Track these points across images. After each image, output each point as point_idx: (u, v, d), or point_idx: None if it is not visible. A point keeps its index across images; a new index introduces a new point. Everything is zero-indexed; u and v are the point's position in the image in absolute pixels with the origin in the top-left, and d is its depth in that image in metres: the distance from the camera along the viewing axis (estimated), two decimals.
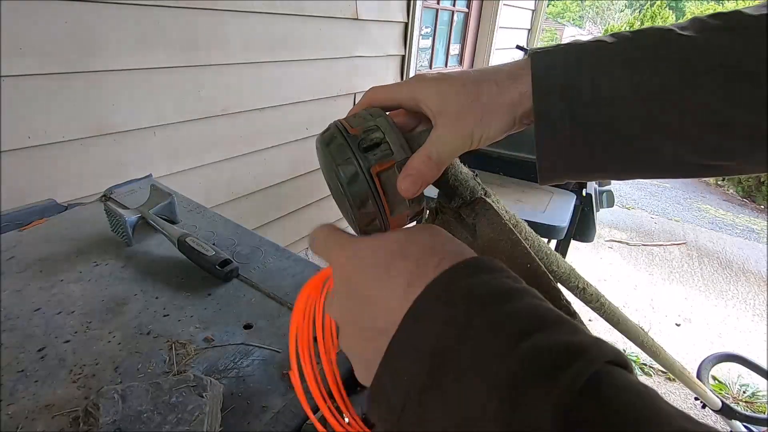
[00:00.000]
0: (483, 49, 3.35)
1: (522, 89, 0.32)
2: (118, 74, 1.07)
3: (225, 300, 0.59)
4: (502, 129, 0.33)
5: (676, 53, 0.29)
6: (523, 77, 0.32)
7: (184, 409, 0.39)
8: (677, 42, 0.29)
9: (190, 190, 1.24)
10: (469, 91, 0.33)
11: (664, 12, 10.11)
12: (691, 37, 0.29)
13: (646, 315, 2.51)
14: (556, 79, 0.31)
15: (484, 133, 0.33)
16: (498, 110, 0.32)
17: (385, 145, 0.34)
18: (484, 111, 0.32)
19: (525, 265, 0.35)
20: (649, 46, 0.30)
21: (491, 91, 0.32)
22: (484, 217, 0.37)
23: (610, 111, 0.30)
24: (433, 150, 0.33)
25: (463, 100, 0.32)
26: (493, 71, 0.33)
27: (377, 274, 0.25)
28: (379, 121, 0.35)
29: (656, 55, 0.29)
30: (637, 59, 0.30)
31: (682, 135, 0.30)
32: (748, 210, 4.56)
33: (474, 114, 0.32)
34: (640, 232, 3.65)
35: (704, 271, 3.08)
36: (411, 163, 0.33)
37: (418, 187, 0.33)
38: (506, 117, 0.33)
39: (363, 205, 0.34)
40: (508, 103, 0.32)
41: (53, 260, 0.63)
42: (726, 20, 0.29)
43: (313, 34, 1.60)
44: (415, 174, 0.33)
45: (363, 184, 0.33)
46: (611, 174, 0.34)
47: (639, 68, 0.29)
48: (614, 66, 0.30)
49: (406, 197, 0.34)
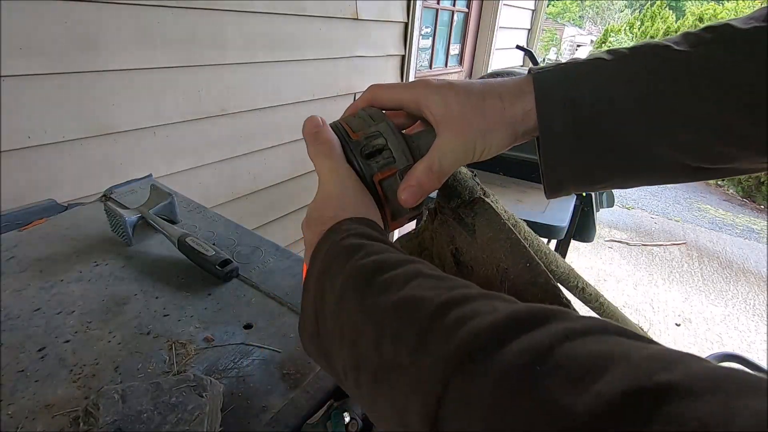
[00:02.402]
0: (483, 49, 3.35)
1: (526, 107, 0.33)
2: (117, 74, 1.07)
3: (225, 300, 0.59)
4: (504, 144, 0.34)
5: (673, 68, 0.30)
6: (527, 95, 0.33)
7: (184, 409, 0.39)
8: (673, 57, 0.30)
9: (190, 190, 1.25)
10: (474, 104, 0.33)
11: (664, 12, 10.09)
12: (685, 51, 0.30)
13: (646, 315, 2.51)
14: (559, 97, 0.32)
15: (486, 148, 0.34)
16: (501, 126, 0.33)
17: (387, 152, 0.34)
18: (488, 126, 0.33)
19: (524, 264, 0.35)
20: (646, 62, 0.31)
21: (495, 106, 0.33)
22: (483, 216, 0.37)
23: (612, 124, 0.31)
24: (435, 162, 0.33)
25: (467, 112, 0.33)
26: (497, 85, 0.34)
27: (333, 195, 0.34)
28: (381, 126, 0.35)
29: (654, 70, 0.31)
30: (636, 75, 0.31)
31: (683, 144, 0.31)
32: (748, 210, 4.56)
33: (478, 128, 0.33)
34: (640, 232, 3.66)
35: (704, 271, 3.08)
36: (413, 174, 0.33)
37: (419, 197, 0.34)
38: (508, 133, 0.33)
39: None
40: (511, 121, 0.33)
41: (53, 260, 0.63)
42: (718, 34, 0.30)
43: (313, 34, 1.60)
44: (416, 186, 0.33)
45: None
46: (616, 183, 0.36)
47: (638, 84, 0.31)
48: (614, 82, 0.31)
49: (406, 207, 0.34)
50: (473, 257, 0.38)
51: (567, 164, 0.33)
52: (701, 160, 0.32)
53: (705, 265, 3.16)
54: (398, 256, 0.28)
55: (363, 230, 0.30)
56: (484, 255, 0.37)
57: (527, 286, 0.34)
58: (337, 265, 0.28)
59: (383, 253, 0.27)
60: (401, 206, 0.35)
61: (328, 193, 0.34)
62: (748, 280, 3.01)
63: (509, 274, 0.35)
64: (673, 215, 4.16)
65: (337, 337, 0.26)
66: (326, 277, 0.28)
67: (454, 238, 0.40)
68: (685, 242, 3.53)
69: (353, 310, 0.25)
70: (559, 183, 0.35)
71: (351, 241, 0.29)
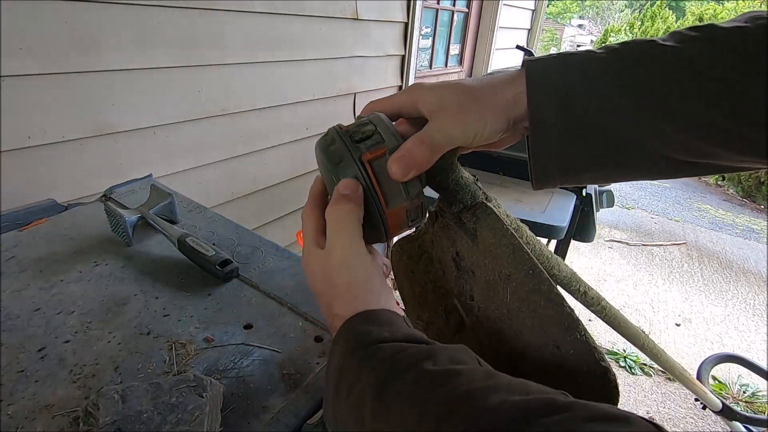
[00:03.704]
0: (483, 49, 3.35)
1: (517, 90, 0.33)
2: (117, 74, 1.07)
3: (225, 300, 0.59)
4: (497, 129, 0.34)
5: (660, 62, 0.31)
6: (518, 80, 0.33)
7: (184, 409, 0.39)
8: (660, 52, 0.31)
9: (190, 190, 1.24)
10: (466, 92, 0.34)
11: (664, 12, 10.09)
12: (671, 47, 0.31)
13: (646, 315, 2.51)
14: (550, 83, 0.32)
15: (479, 130, 0.34)
16: (494, 108, 0.34)
17: (377, 136, 0.34)
18: (481, 107, 0.33)
19: (527, 271, 0.34)
20: (634, 55, 0.32)
21: (487, 91, 0.34)
22: (485, 222, 0.37)
23: (600, 114, 0.32)
24: (427, 134, 0.33)
25: (460, 98, 0.34)
26: (488, 78, 0.35)
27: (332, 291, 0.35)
28: (372, 116, 0.35)
29: (641, 63, 0.31)
30: (623, 67, 0.32)
31: (669, 137, 0.31)
32: (748, 210, 4.56)
33: (471, 109, 0.33)
34: (640, 232, 3.65)
35: (704, 271, 3.08)
36: (403, 145, 0.33)
37: (409, 170, 0.33)
38: (501, 116, 0.34)
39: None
40: (503, 102, 0.34)
41: (53, 260, 0.63)
42: (701, 32, 0.31)
43: (313, 34, 1.60)
44: (407, 155, 0.33)
45: (354, 171, 0.33)
46: (602, 176, 0.36)
47: (626, 75, 0.32)
48: (604, 73, 0.32)
49: (396, 179, 0.33)
50: (475, 262, 0.38)
51: (553, 152, 0.34)
52: (687, 155, 0.32)
53: (705, 265, 3.16)
54: (405, 360, 0.29)
55: (371, 332, 0.31)
56: (485, 260, 0.37)
57: (530, 294, 0.34)
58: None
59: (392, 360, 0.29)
60: (395, 189, 0.34)
61: (337, 274, 0.34)
62: (748, 280, 3.01)
63: (512, 281, 0.35)
64: (673, 215, 4.16)
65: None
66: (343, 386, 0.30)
67: (455, 243, 0.40)
68: (685, 242, 3.53)
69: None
70: (545, 172, 0.35)
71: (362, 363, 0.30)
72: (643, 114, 0.31)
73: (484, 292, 0.38)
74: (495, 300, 0.37)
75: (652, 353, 0.58)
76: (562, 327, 0.33)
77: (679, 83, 0.30)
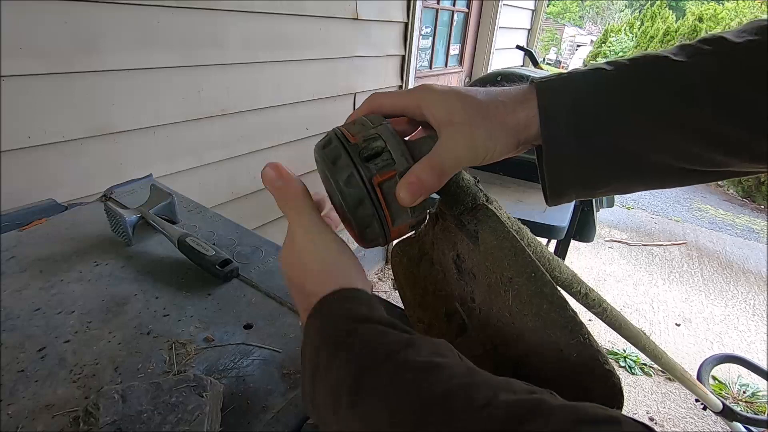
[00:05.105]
0: (483, 49, 3.35)
1: (529, 113, 0.33)
2: (117, 74, 1.07)
3: (225, 300, 0.59)
4: (506, 149, 0.34)
5: (672, 78, 0.31)
6: (530, 101, 0.33)
7: (184, 409, 0.39)
8: (671, 68, 0.31)
9: (190, 190, 1.24)
10: (477, 108, 0.33)
11: (664, 12, 10.08)
12: (682, 62, 0.31)
13: (646, 315, 2.51)
14: (562, 104, 0.32)
15: (488, 152, 0.34)
16: (505, 129, 0.33)
17: (386, 154, 0.33)
18: (492, 126, 0.33)
19: (530, 275, 0.34)
20: (646, 72, 0.32)
21: (499, 110, 0.33)
22: (487, 224, 0.36)
23: (613, 132, 0.32)
24: (437, 160, 0.33)
25: (471, 116, 0.33)
26: (500, 93, 0.34)
27: (310, 266, 0.34)
28: (380, 129, 0.34)
29: (653, 80, 0.32)
30: (636, 84, 0.32)
31: (684, 151, 0.32)
32: (748, 210, 4.56)
33: (482, 129, 0.33)
34: (640, 232, 3.65)
35: (704, 271, 3.08)
36: (413, 171, 0.32)
37: (418, 196, 0.32)
38: (512, 139, 0.33)
39: (364, 216, 0.33)
40: (514, 125, 0.33)
41: (53, 260, 0.63)
42: (713, 47, 0.31)
43: (313, 34, 1.60)
44: (416, 182, 0.32)
45: (363, 193, 0.32)
46: (616, 189, 0.36)
47: (638, 93, 0.32)
48: (616, 91, 0.32)
49: (404, 206, 0.33)
50: (476, 265, 0.38)
51: (570, 171, 0.33)
52: (699, 165, 0.32)
53: (705, 265, 3.16)
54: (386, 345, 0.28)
55: (349, 311, 0.30)
56: (487, 263, 0.36)
57: (532, 297, 0.34)
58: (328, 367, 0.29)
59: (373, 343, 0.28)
60: (402, 209, 0.34)
61: (305, 254, 0.34)
62: (748, 280, 3.00)
63: (513, 284, 0.35)
64: (673, 215, 4.16)
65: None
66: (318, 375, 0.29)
67: (456, 245, 0.40)
68: (685, 242, 3.53)
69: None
70: (561, 190, 0.35)
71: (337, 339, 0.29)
72: (657, 131, 0.31)
73: (485, 295, 0.38)
74: (497, 303, 0.36)
75: (652, 354, 0.58)
76: (565, 330, 0.33)
77: (694, 100, 0.30)
